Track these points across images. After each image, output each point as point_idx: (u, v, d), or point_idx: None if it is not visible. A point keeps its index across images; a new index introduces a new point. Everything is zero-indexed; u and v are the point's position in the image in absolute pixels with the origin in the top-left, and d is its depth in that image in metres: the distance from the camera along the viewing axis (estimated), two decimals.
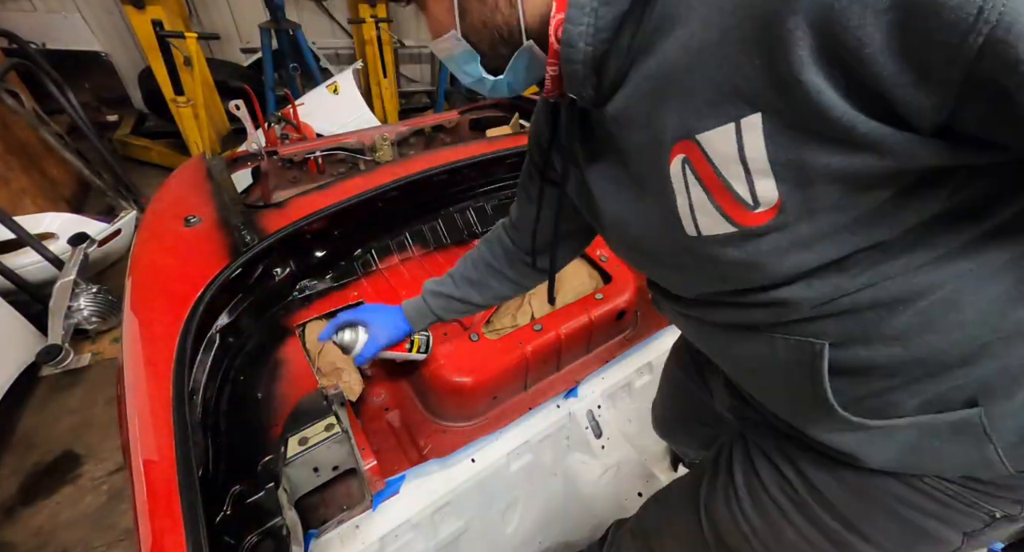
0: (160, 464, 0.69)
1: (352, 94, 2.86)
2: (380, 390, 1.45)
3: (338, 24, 4.34)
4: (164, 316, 0.94)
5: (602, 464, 1.22)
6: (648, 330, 1.49)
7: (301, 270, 1.31)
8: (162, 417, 0.74)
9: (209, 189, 1.40)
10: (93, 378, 2.01)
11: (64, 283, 1.79)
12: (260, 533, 0.77)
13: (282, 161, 1.93)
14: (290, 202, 1.28)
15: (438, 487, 1.00)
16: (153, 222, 1.31)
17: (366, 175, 1.40)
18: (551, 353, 1.40)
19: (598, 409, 1.25)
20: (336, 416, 0.95)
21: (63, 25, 3.54)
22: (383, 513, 0.94)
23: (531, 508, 1.18)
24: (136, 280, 1.07)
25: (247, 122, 1.39)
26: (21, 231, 1.95)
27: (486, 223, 1.66)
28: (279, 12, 3.18)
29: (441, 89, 4.22)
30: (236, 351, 1.08)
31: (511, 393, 1.42)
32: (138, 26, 2.83)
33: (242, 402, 1.00)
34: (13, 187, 2.45)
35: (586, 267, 1.63)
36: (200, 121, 3.20)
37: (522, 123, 2.08)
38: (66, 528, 1.53)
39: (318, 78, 3.29)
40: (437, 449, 1.30)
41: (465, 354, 1.28)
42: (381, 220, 1.48)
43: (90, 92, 3.86)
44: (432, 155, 1.50)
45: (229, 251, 1.10)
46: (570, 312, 1.43)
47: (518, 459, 1.13)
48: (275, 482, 0.84)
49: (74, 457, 1.73)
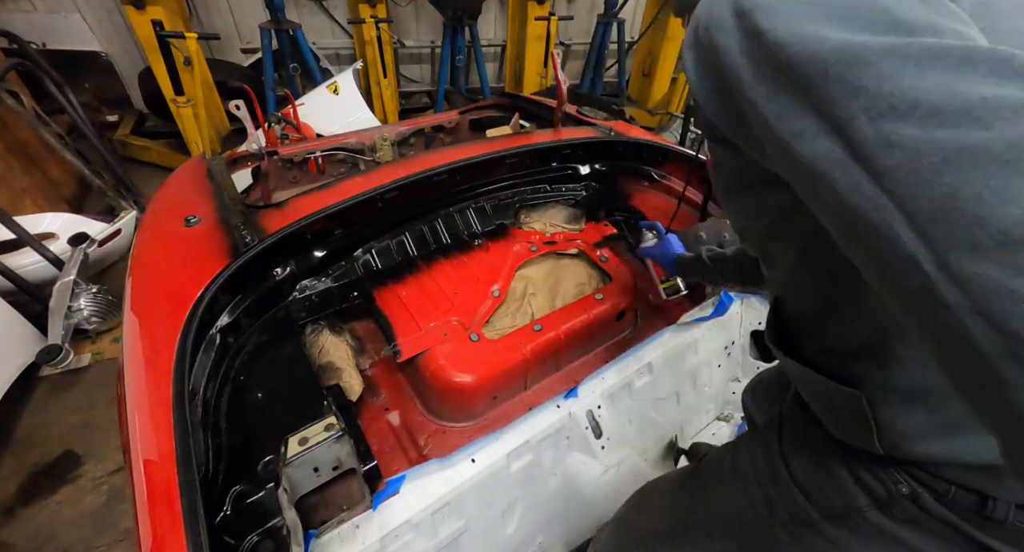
0: (160, 464, 0.69)
1: (352, 94, 2.86)
2: (380, 390, 1.45)
3: (338, 24, 4.34)
4: (164, 316, 0.94)
5: (602, 464, 1.22)
6: (648, 330, 1.49)
7: (301, 270, 1.31)
8: (162, 417, 0.74)
9: (209, 189, 1.40)
10: (93, 378, 2.01)
11: (64, 283, 1.79)
12: (260, 533, 0.77)
13: (282, 161, 1.93)
14: (290, 202, 1.28)
15: (438, 487, 1.00)
16: (153, 222, 1.31)
17: (366, 175, 1.40)
18: (551, 353, 1.40)
19: (598, 409, 1.25)
20: (336, 416, 0.95)
21: (63, 25, 3.54)
22: (383, 513, 0.94)
23: (531, 508, 1.18)
24: (136, 280, 1.07)
25: (247, 122, 1.39)
26: (21, 231, 1.95)
27: (486, 223, 1.66)
28: (279, 12, 3.17)
29: (441, 89, 4.22)
30: (236, 351, 1.08)
31: (511, 393, 1.42)
32: (138, 26, 2.83)
33: (242, 402, 1.00)
34: (13, 187, 2.45)
35: (586, 267, 1.63)
36: (200, 121, 3.20)
37: (522, 123, 2.08)
38: (66, 528, 1.53)
39: (318, 78, 3.29)
40: (437, 449, 1.30)
41: (465, 354, 1.28)
42: (381, 220, 1.48)
43: (90, 92, 3.86)
44: (432, 155, 1.50)
45: (229, 251, 1.10)
46: (570, 312, 1.43)
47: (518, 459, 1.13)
48: (275, 482, 0.84)
49: (74, 457, 1.73)
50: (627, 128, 1.91)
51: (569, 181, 1.86)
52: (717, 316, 1.39)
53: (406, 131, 2.23)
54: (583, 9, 5.10)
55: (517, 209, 1.76)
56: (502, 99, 2.50)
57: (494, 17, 4.92)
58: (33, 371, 1.94)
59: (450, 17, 3.90)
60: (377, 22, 3.55)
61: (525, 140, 1.66)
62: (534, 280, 1.56)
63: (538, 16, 3.99)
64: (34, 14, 3.48)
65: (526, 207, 1.79)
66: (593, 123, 1.93)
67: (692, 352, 1.39)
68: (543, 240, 1.67)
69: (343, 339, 1.40)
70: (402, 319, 1.37)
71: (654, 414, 1.36)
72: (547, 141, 1.66)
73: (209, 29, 3.85)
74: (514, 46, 4.51)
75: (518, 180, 1.75)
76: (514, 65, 4.60)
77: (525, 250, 1.62)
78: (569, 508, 1.22)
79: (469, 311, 1.39)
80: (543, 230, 1.73)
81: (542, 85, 4.37)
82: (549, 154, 1.76)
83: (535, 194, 1.80)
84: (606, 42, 4.47)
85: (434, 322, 1.35)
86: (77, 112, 2.63)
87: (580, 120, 1.98)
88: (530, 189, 1.79)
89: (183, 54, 2.92)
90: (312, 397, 1.02)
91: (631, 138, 1.78)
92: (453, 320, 1.36)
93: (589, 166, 1.87)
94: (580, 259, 1.66)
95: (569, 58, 5.39)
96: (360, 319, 1.59)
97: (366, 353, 1.51)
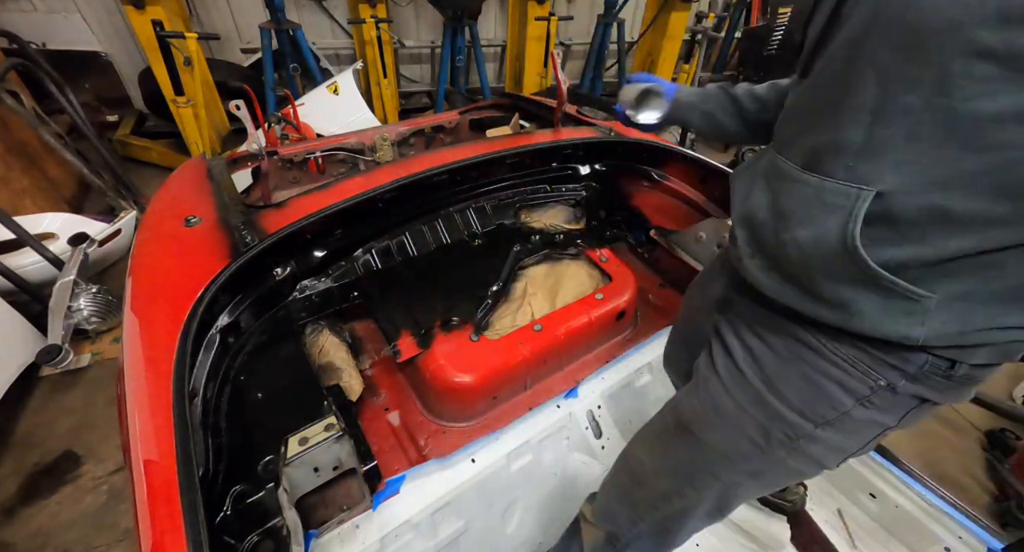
0: (160, 464, 0.69)
1: (352, 94, 2.86)
2: (380, 390, 1.45)
3: (338, 24, 4.34)
4: (164, 316, 0.94)
5: (602, 464, 1.22)
6: (648, 330, 1.50)
7: (301, 270, 1.31)
8: (162, 417, 0.74)
9: (209, 189, 1.40)
10: (93, 378, 2.01)
11: (64, 283, 1.79)
12: (260, 533, 0.78)
13: (282, 161, 1.93)
14: (290, 202, 1.28)
15: (438, 487, 1.00)
16: (153, 222, 1.31)
17: (366, 175, 1.40)
18: (551, 353, 1.40)
19: (598, 409, 1.25)
20: (336, 416, 0.96)
21: (63, 25, 3.54)
22: (383, 513, 0.94)
23: (531, 508, 1.18)
24: (136, 280, 1.07)
25: (247, 122, 1.39)
26: (21, 231, 1.95)
27: (486, 223, 1.66)
28: (279, 12, 3.17)
29: (441, 89, 4.22)
30: (236, 351, 1.08)
31: (511, 393, 1.42)
32: (138, 26, 2.83)
33: (242, 402, 1.00)
34: (13, 187, 2.45)
35: (586, 267, 1.64)
36: (200, 121, 3.20)
37: (522, 123, 2.08)
38: (66, 528, 1.53)
39: (318, 78, 3.28)
40: (437, 449, 1.30)
41: (465, 354, 1.28)
42: (381, 220, 1.48)
43: (90, 92, 3.85)
44: (432, 155, 1.50)
45: (229, 251, 1.10)
46: (570, 312, 1.43)
47: (518, 459, 1.13)
48: (275, 482, 0.84)
49: (74, 457, 1.73)
50: (627, 128, 1.91)
51: (569, 181, 1.86)
52: None
53: (406, 131, 2.23)
54: (583, 9, 5.10)
55: (517, 209, 1.76)
56: (502, 99, 2.50)
57: (494, 17, 4.93)
58: (33, 371, 1.93)
59: (450, 17, 3.90)
60: (377, 22, 3.55)
61: (525, 140, 1.66)
62: (534, 280, 1.56)
63: (538, 16, 4.00)
64: (34, 14, 3.48)
65: (526, 207, 1.79)
66: (593, 123, 1.93)
67: None
68: (543, 240, 1.67)
69: (343, 339, 1.40)
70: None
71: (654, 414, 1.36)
72: (547, 141, 1.66)
73: (209, 29, 3.85)
74: (514, 46, 4.51)
75: (518, 180, 1.75)
76: (514, 65, 4.60)
77: (525, 250, 1.62)
78: (569, 508, 1.22)
79: (469, 311, 1.39)
80: (543, 230, 1.73)
81: (542, 85, 4.37)
82: (549, 154, 1.76)
83: (535, 194, 1.80)
84: (606, 42, 4.48)
85: (434, 322, 1.35)
86: (77, 112, 2.63)
87: (580, 120, 1.98)
88: (530, 189, 1.79)
89: (183, 54, 2.92)
90: (312, 397, 1.02)
91: (631, 138, 1.78)
92: (453, 320, 1.36)
93: (589, 166, 1.87)
94: (580, 259, 1.66)
95: (569, 58, 5.39)
96: (360, 319, 1.60)
97: (366, 353, 1.51)
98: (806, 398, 0.64)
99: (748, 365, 0.70)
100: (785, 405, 0.66)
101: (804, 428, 0.65)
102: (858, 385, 0.60)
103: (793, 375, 0.65)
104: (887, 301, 0.53)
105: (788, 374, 0.66)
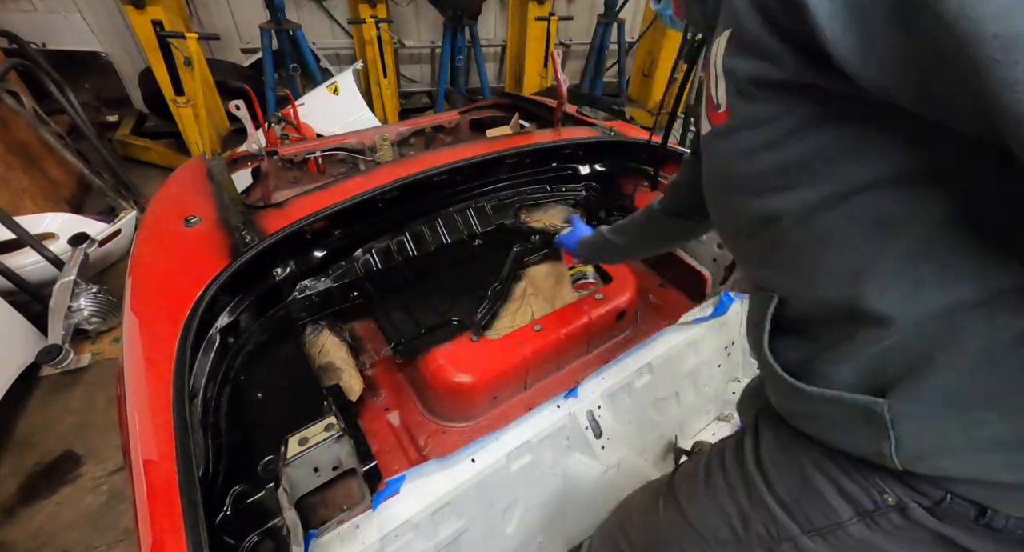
0: (160, 464, 0.69)
1: (352, 94, 2.86)
2: (380, 390, 1.45)
3: (338, 24, 4.34)
4: (164, 316, 0.94)
5: (602, 464, 1.22)
6: (648, 330, 1.49)
7: (301, 270, 1.31)
8: (162, 417, 0.74)
9: (209, 189, 1.40)
10: (93, 378, 2.01)
11: (64, 283, 1.79)
12: (260, 533, 0.78)
13: (282, 161, 1.93)
14: (290, 202, 1.29)
15: (438, 487, 1.00)
16: (153, 222, 1.31)
17: (366, 175, 1.40)
18: (551, 353, 1.40)
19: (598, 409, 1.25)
20: (336, 416, 0.96)
21: (63, 25, 3.54)
22: (383, 513, 0.94)
23: (531, 508, 1.18)
24: (136, 280, 1.07)
25: (247, 122, 1.39)
26: (21, 231, 1.95)
27: (486, 223, 1.66)
28: (279, 12, 3.17)
29: (441, 89, 4.22)
30: (236, 351, 1.08)
31: (511, 393, 1.42)
32: (138, 26, 2.83)
33: (242, 402, 1.00)
34: (13, 187, 2.45)
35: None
36: (200, 121, 3.20)
37: (522, 123, 2.08)
38: (66, 528, 1.53)
39: (318, 78, 3.28)
40: (437, 449, 1.30)
41: (465, 354, 1.28)
42: (381, 220, 1.48)
43: (90, 92, 3.86)
44: (432, 155, 1.50)
45: (229, 251, 1.10)
46: (570, 312, 1.43)
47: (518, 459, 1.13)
48: (275, 482, 0.84)
49: (74, 457, 1.73)
50: (627, 128, 1.91)
51: (569, 181, 1.86)
52: (717, 316, 1.39)
53: (406, 131, 2.23)
54: (583, 9, 5.10)
55: (517, 209, 1.76)
56: (502, 99, 2.50)
57: (494, 17, 4.93)
58: (33, 371, 1.93)
59: (450, 17, 3.90)
60: (377, 22, 3.55)
61: (525, 140, 1.66)
62: (534, 280, 1.56)
63: (538, 16, 3.99)
64: (34, 14, 3.48)
65: (526, 207, 1.79)
66: (593, 123, 1.93)
67: (692, 352, 1.39)
68: (543, 240, 1.67)
69: (343, 339, 1.40)
70: None
71: (654, 414, 1.36)
72: (547, 141, 1.66)
73: (209, 29, 3.85)
74: (514, 46, 4.51)
75: (518, 180, 1.75)
76: (514, 65, 4.60)
77: (525, 250, 1.62)
78: (569, 508, 1.22)
79: (469, 311, 1.39)
80: (543, 230, 1.73)
81: (542, 85, 4.37)
82: (549, 154, 1.76)
83: (535, 194, 1.80)
84: (606, 42, 4.48)
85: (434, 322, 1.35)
86: (77, 112, 2.63)
87: (580, 120, 1.98)
88: (530, 189, 1.79)
89: (183, 54, 2.92)
90: (312, 397, 1.02)
91: (631, 138, 1.78)
92: (453, 320, 1.36)
93: (589, 166, 1.87)
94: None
95: (569, 58, 5.39)
96: (360, 319, 1.60)
97: (366, 353, 1.51)
98: (796, 494, 0.57)
99: (750, 442, 0.65)
100: (772, 495, 0.59)
101: (789, 529, 0.58)
102: (859, 494, 0.50)
103: (788, 462, 0.58)
104: (842, 406, 0.48)
105: (783, 461, 0.59)
